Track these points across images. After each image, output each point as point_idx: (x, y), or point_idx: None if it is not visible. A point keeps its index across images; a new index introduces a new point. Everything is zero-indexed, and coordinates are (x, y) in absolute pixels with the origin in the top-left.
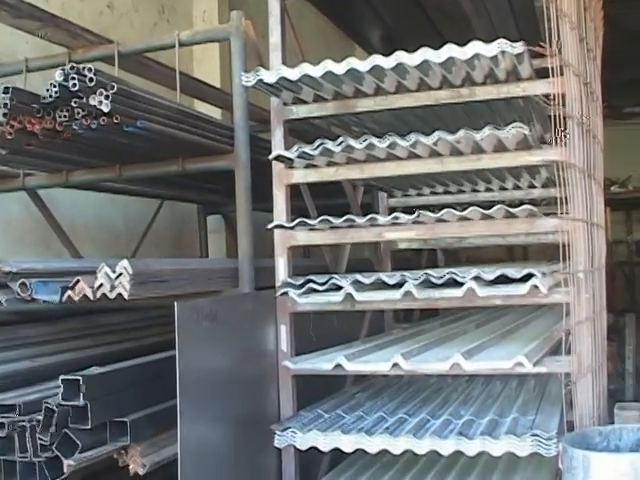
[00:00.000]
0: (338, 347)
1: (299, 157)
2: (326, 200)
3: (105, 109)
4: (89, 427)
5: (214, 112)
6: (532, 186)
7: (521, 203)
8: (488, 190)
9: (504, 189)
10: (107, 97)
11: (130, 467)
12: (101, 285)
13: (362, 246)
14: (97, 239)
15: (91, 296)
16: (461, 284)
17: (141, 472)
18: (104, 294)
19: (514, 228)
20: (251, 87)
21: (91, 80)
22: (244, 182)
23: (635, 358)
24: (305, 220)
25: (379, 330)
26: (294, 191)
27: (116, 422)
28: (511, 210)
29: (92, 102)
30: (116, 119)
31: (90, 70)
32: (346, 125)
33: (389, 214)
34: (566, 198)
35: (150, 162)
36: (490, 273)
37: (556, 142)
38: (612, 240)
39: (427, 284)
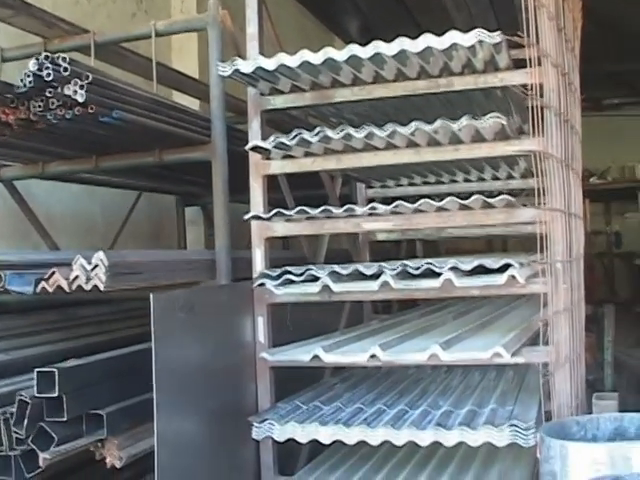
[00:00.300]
0: (316, 338)
1: (276, 148)
2: (304, 191)
3: (80, 99)
4: (64, 419)
5: (192, 103)
6: (511, 177)
7: (500, 194)
8: (466, 181)
9: (482, 180)
10: (82, 87)
11: (107, 460)
12: (77, 277)
13: (340, 237)
14: (74, 231)
15: (66, 288)
16: (438, 275)
17: (118, 465)
18: (80, 286)
19: (492, 218)
20: (228, 77)
21: (65, 70)
22: (221, 173)
23: (613, 348)
24: (282, 211)
25: (358, 321)
26: (272, 183)
27: (92, 415)
28: (489, 200)
29: (67, 92)
30: (91, 109)
31: (65, 60)
32: (324, 116)
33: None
34: (544, 188)
35: (127, 153)
36: (467, 263)
37: (534, 132)
38: (591, 231)
39: (404, 275)
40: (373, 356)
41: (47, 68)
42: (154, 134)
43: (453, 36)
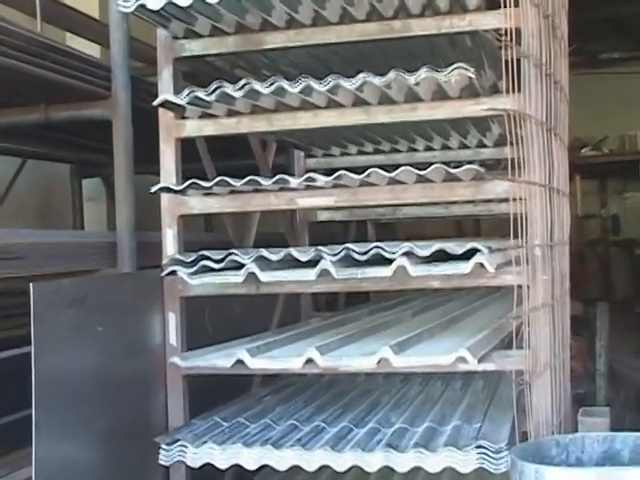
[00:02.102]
0: (242, 340)
1: (191, 104)
2: (229, 161)
3: None
4: None
5: (92, 50)
6: (482, 145)
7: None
8: (428, 149)
9: (448, 148)
10: None
11: None
12: None
13: (276, 219)
14: None
15: None
16: (390, 261)
17: None
18: None
19: (456, 194)
20: (132, 14)
21: None
22: (124, 135)
23: (608, 356)
24: (198, 182)
25: (294, 320)
26: (189, 150)
27: None
28: (451, 171)
29: None
30: None
31: None
32: (254, 67)
33: None
34: (520, 158)
35: (4, 108)
36: (425, 248)
37: (508, 89)
38: (582, 214)
39: (349, 262)
40: (310, 361)
41: None
42: (39, 85)
43: None
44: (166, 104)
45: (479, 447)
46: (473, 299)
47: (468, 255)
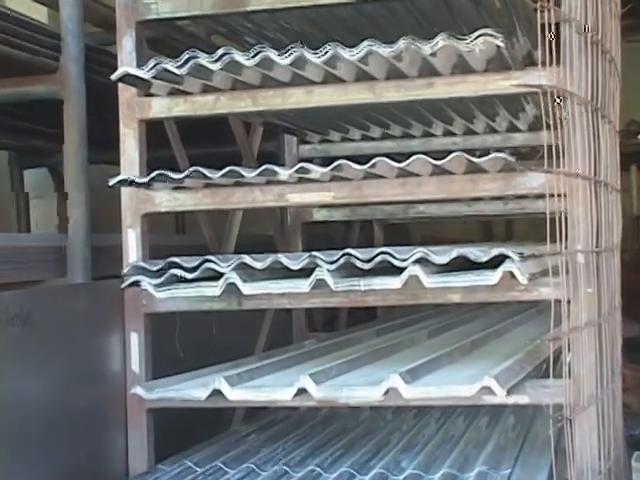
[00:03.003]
0: (220, 366)
1: (158, 78)
2: (205, 148)
3: None
4: None
5: (38, 13)
6: (513, 129)
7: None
8: (448, 134)
9: (471, 133)
10: None
11: None
12: None
13: (261, 218)
14: None
15: None
16: (401, 270)
17: None
18: None
19: (481, 188)
20: None
21: None
22: (76, 116)
23: None
24: (167, 173)
25: (285, 342)
26: (156, 134)
27: None
28: (476, 160)
29: None
30: None
31: None
32: (236, 34)
33: None
34: (560, 144)
35: None
36: (443, 254)
37: (545, 60)
38: (639, 214)
39: (351, 271)
40: (302, 391)
41: None
42: None
43: None
44: (127, 78)
45: None
46: (502, 317)
47: (495, 263)
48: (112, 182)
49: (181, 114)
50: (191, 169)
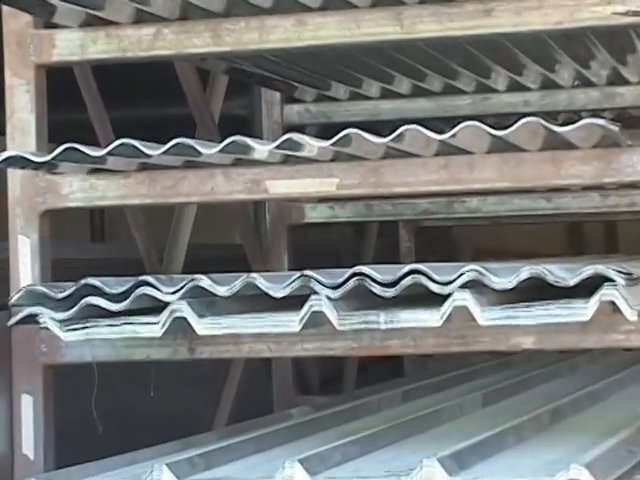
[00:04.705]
0: (162, 447)
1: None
2: (139, 110)
3: None
4: None
5: None
6: (616, 81)
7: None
8: (514, 89)
9: (551, 87)
10: None
11: None
12: None
13: (226, 219)
14: None
15: None
16: (443, 299)
17: None
18: None
19: (567, 173)
20: None
21: None
22: None
23: None
24: (80, 148)
25: (262, 409)
26: (64, 87)
27: None
28: (558, 129)
29: None
30: None
31: None
32: None
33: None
34: None
35: None
36: (506, 274)
37: None
38: None
39: (363, 300)
40: None
41: None
42: None
43: None
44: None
45: None
46: (599, 373)
47: (589, 289)
48: None
49: (102, 56)
50: (117, 142)
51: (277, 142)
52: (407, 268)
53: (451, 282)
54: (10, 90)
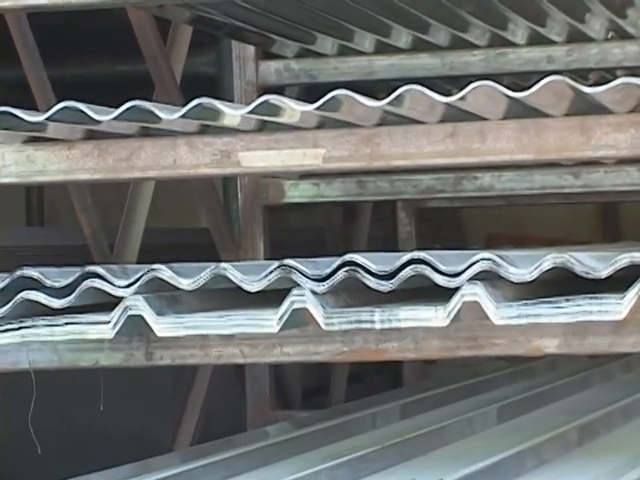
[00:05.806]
0: (113, 472)
1: None
2: (88, 67)
3: None
4: None
5: None
6: None
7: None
8: (537, 43)
9: (581, 40)
10: None
11: None
12: None
13: (190, 199)
14: None
15: None
16: (450, 293)
17: None
18: None
19: (599, 143)
20: None
21: None
22: None
23: None
24: (13, 112)
25: (233, 426)
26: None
27: None
28: (587, 90)
29: None
30: None
31: None
32: None
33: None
34: None
35: None
36: (526, 264)
37: None
38: None
39: (355, 295)
40: None
41: None
42: None
43: None
44: None
45: None
46: (636, 382)
47: (624, 281)
48: None
49: (40, 2)
50: (60, 105)
51: (251, 106)
52: (407, 257)
53: (460, 273)
54: None
